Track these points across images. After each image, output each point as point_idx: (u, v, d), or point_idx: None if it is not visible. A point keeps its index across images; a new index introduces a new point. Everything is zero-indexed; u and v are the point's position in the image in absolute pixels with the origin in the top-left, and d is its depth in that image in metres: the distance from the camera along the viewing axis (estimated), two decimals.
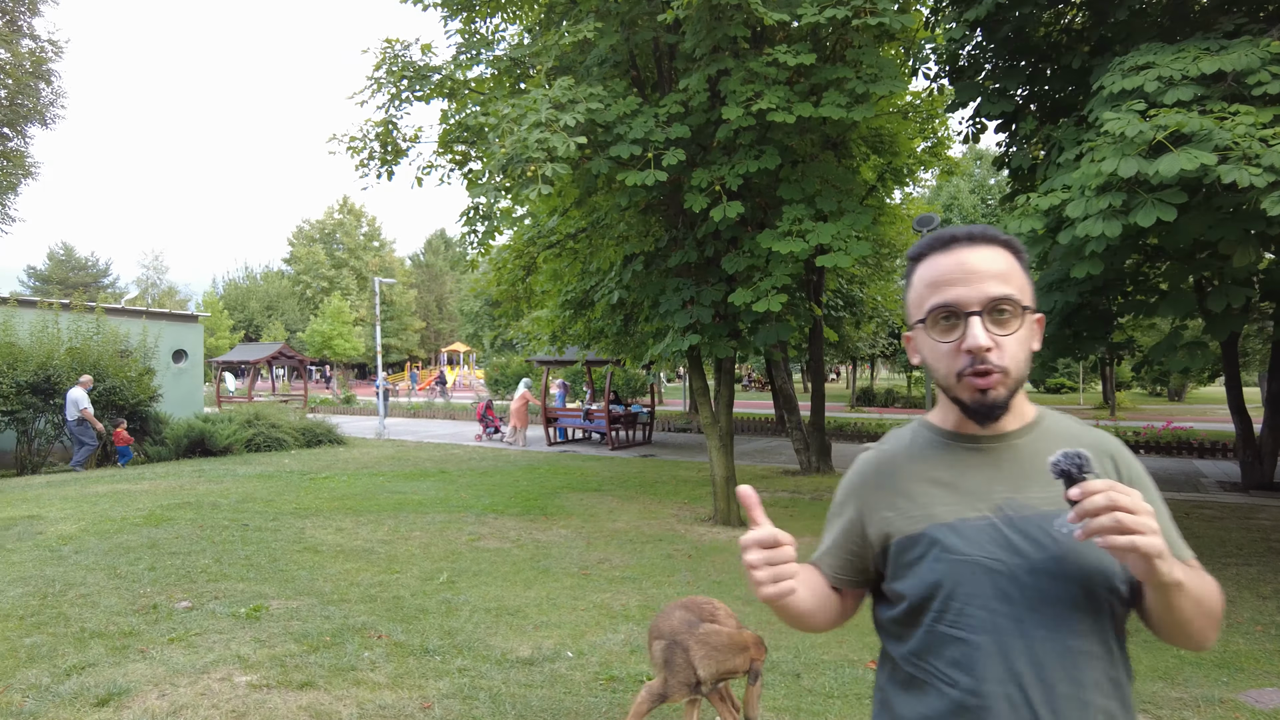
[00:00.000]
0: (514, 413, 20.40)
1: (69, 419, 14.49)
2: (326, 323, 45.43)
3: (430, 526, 8.96)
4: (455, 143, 9.03)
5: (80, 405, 14.40)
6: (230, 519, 8.83)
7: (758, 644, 3.59)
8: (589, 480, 13.28)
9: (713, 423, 9.82)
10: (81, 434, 14.67)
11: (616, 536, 8.76)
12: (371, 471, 14.12)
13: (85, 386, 14.56)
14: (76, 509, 9.45)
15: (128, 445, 15.59)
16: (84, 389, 14.50)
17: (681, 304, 8.95)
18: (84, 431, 14.66)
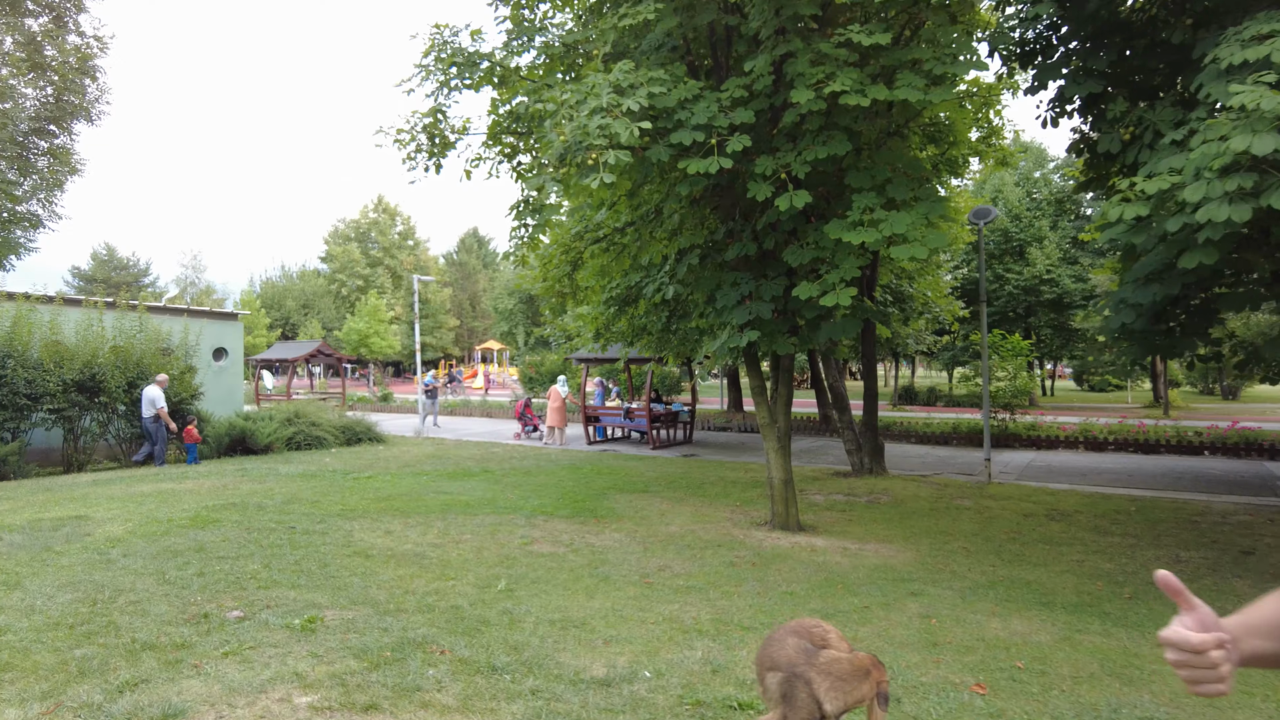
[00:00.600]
0: (552, 412, 20.13)
1: (144, 416, 14.79)
2: (363, 321, 45.66)
3: (480, 529, 8.68)
4: (505, 134, 8.74)
5: (157, 404, 14.70)
6: (276, 521, 8.62)
7: (877, 664, 3.22)
8: (635, 481, 12.95)
9: (770, 423, 9.43)
10: (156, 432, 14.91)
11: (673, 541, 8.41)
12: (414, 471, 13.92)
13: (161, 385, 14.94)
14: (123, 509, 9.32)
15: (195, 443, 15.75)
16: (160, 388, 14.85)
17: (739, 299, 8.57)
18: (159, 430, 14.90)
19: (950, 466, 15.59)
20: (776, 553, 8.02)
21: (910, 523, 9.89)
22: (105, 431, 15.49)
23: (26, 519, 8.64)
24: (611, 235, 10.78)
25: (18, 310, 14.65)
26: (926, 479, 13.91)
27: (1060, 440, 18.57)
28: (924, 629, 5.52)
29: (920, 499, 11.75)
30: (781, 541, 8.64)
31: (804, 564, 7.57)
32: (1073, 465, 15.63)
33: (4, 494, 11.13)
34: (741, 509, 10.65)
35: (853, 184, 7.74)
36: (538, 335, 47.24)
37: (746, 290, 8.52)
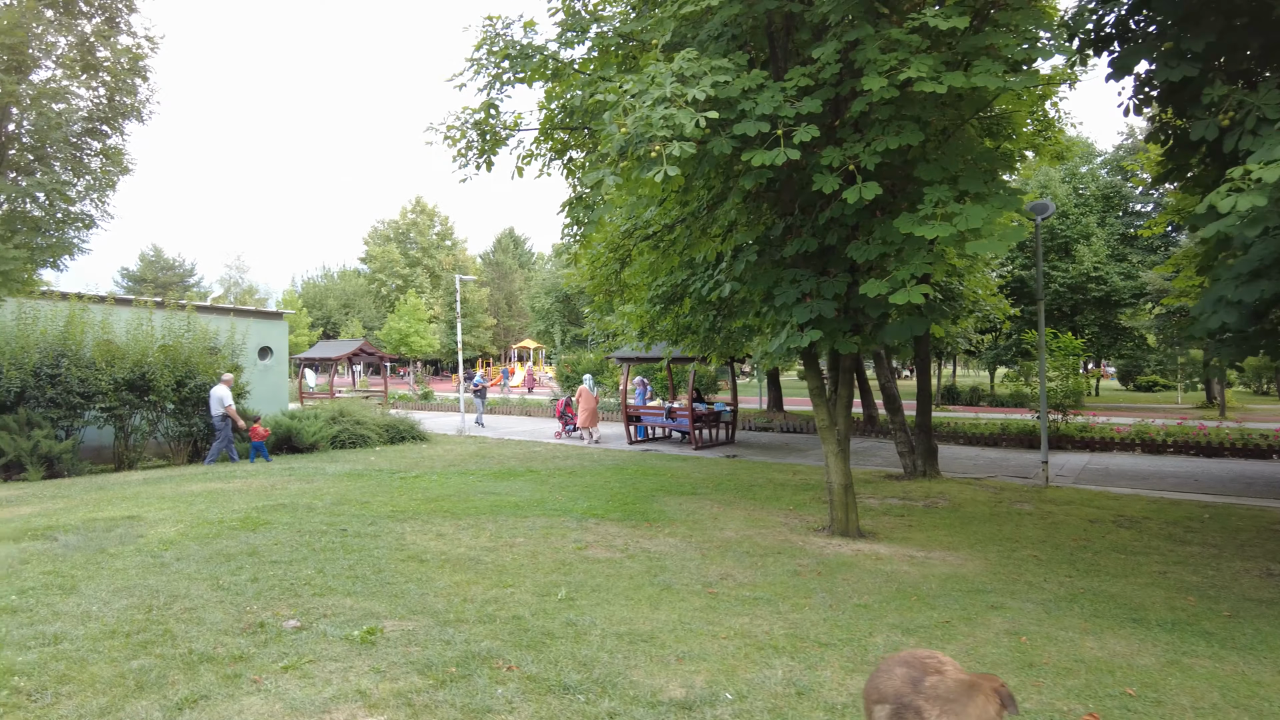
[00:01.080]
0: (584, 412, 19.96)
1: (214, 414, 15.00)
2: (403, 320, 45.94)
3: (532, 532, 8.48)
4: (558, 129, 8.51)
5: (225, 402, 14.89)
6: (327, 523, 8.50)
7: (989, 676, 2.93)
8: (682, 483, 12.68)
9: (829, 425, 9.10)
10: (225, 429, 15.11)
11: (731, 548, 8.13)
12: (460, 470, 13.79)
13: (228, 384, 15.13)
14: (174, 509, 9.28)
15: (263, 441, 15.87)
16: (227, 386, 15.03)
17: (799, 297, 8.26)
18: (227, 427, 15.10)
19: (1003, 469, 15.10)
20: (840, 561, 7.70)
21: (972, 529, 9.51)
22: (154, 430, 15.61)
23: (81, 519, 8.62)
24: (661, 233, 10.51)
25: (71, 310, 14.81)
26: (980, 482, 13.47)
27: (1115, 442, 17.93)
28: (1015, 648, 5.19)
29: (978, 503, 11.34)
30: (843, 549, 8.32)
31: (871, 573, 7.25)
32: (1132, 468, 15.04)
33: (59, 491, 11.20)
34: (795, 513, 10.33)
35: (922, 176, 7.39)
36: (574, 334, 47.20)
37: (808, 288, 8.21)
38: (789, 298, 8.26)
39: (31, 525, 8.25)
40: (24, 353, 13.50)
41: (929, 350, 14.39)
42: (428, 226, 63.81)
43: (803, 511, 10.46)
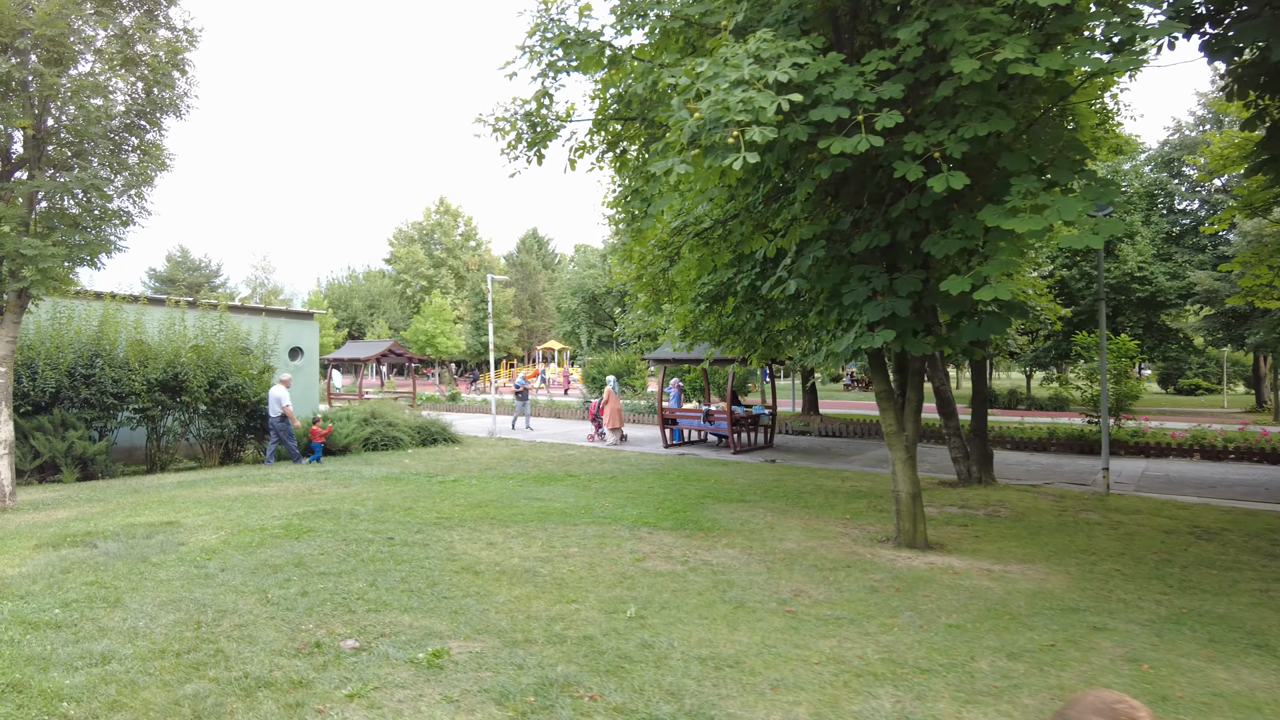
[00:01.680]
0: (611, 413, 19.59)
1: (271, 415, 15.02)
2: (429, 321, 45.82)
3: (585, 542, 8.09)
4: (614, 119, 8.12)
5: (283, 403, 14.87)
6: (372, 531, 8.16)
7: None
8: (728, 490, 12.25)
9: (897, 431, 8.65)
10: (283, 430, 15.08)
11: (796, 561, 7.70)
12: (498, 474, 13.45)
13: (286, 384, 15.14)
14: (212, 515, 8.99)
15: (320, 442, 15.79)
16: (285, 387, 15.03)
17: (869, 294, 7.82)
18: (285, 428, 15.08)
19: (1057, 475, 14.55)
20: (915, 575, 7.25)
21: (1043, 540, 9.02)
22: (187, 431, 15.42)
23: (120, 524, 8.35)
24: (711, 229, 10.09)
25: (105, 309, 14.63)
26: (1038, 489, 12.94)
27: (1171, 448, 17.27)
28: (1139, 677, 4.72)
29: (1041, 512, 10.83)
30: (915, 561, 7.86)
31: (952, 589, 6.79)
32: (1194, 476, 14.42)
33: (95, 494, 10.97)
34: (854, 523, 9.88)
35: (1008, 166, 6.94)
36: (600, 335, 46.88)
37: (879, 285, 7.77)
38: (859, 295, 7.82)
39: (70, 531, 7.98)
40: (59, 353, 13.33)
41: (986, 352, 13.86)
42: (452, 227, 63.78)
43: (861, 521, 10.01)
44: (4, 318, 9.61)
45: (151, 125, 10.33)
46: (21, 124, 8.97)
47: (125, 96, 10.20)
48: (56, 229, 9.55)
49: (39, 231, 9.51)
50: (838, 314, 8.26)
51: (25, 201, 9.51)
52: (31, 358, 13.02)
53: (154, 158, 10.23)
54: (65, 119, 9.85)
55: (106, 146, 9.85)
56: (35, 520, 8.90)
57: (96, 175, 9.65)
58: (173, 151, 10.42)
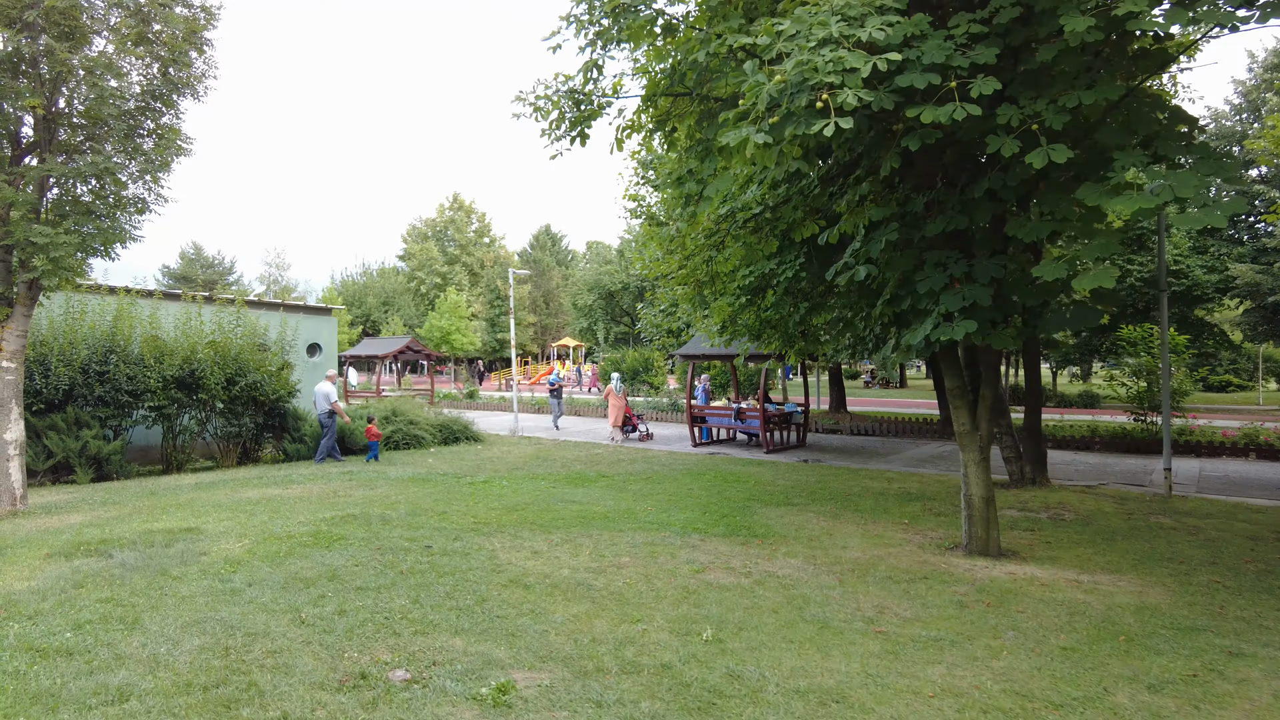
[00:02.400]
0: (613, 410, 19.01)
1: (319, 411, 14.82)
2: (444, 318, 45.31)
3: (635, 550, 7.49)
4: (665, 95, 7.50)
5: (331, 398, 14.66)
6: (407, 538, 7.58)
7: None
8: (771, 491, 11.63)
9: (970, 431, 8.01)
10: (329, 426, 14.86)
11: (867, 572, 7.08)
12: (528, 475, 12.87)
13: (332, 380, 14.99)
14: (234, 520, 8.43)
15: (376, 440, 15.42)
16: (331, 383, 14.87)
17: (946, 282, 7.18)
18: (332, 425, 14.86)
19: (1109, 475, 13.87)
20: (1000, 587, 6.62)
21: (1120, 547, 8.37)
22: (203, 430, 14.91)
23: (136, 530, 7.79)
24: (762, 214, 9.44)
25: (119, 304, 14.14)
26: (1094, 490, 12.27)
27: (1224, 447, 16.52)
28: None
29: (1107, 515, 10.18)
30: (993, 572, 7.23)
31: (1045, 603, 6.16)
32: (1256, 476, 13.69)
33: (110, 497, 10.45)
34: (913, 528, 9.26)
35: (1107, 140, 6.29)
36: (618, 332, 46.28)
37: (957, 271, 7.13)
38: (935, 283, 7.19)
39: (84, 538, 7.43)
40: (72, 349, 12.83)
41: (1039, 346, 13.19)
42: (465, 223, 63.26)
43: (920, 526, 9.38)
44: (14, 311, 9.08)
45: (168, 108, 9.78)
46: (31, 104, 8.41)
47: (140, 77, 9.64)
48: (69, 216, 9.01)
49: (50, 219, 8.97)
50: (910, 303, 7.61)
51: (36, 188, 8.97)
52: (44, 354, 12.52)
53: (170, 142, 9.67)
54: (78, 101, 9.32)
55: (121, 130, 9.29)
56: (47, 525, 8.37)
57: (110, 160, 9.08)
58: (191, 135, 9.84)
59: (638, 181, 25.26)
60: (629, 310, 44.32)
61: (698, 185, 6.97)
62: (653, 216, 25.29)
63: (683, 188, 7.10)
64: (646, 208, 25.38)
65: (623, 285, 44.10)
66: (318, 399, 14.80)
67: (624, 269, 43.03)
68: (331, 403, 14.74)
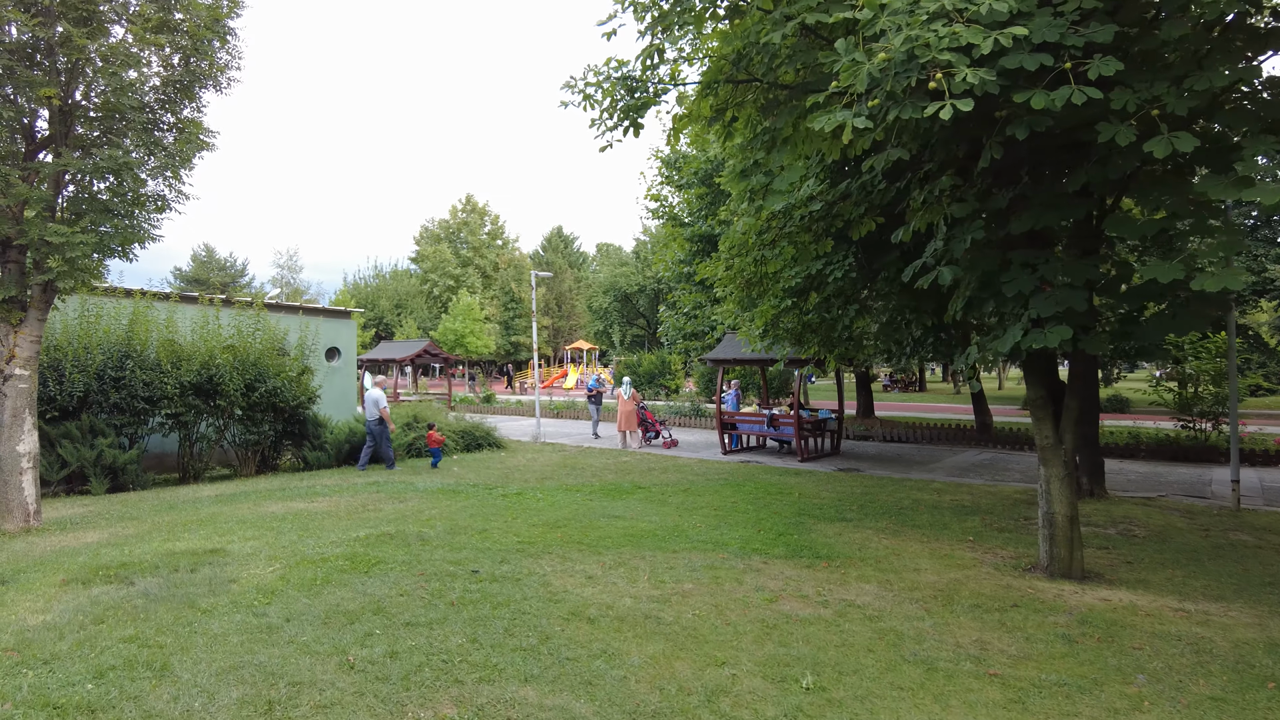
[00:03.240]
0: (624, 416, 18.43)
1: (369, 418, 14.56)
2: (458, 320, 44.80)
3: (697, 575, 6.91)
4: (728, 82, 6.92)
5: (380, 405, 14.41)
6: (451, 561, 7.01)
7: None
8: (819, 505, 11.03)
9: (1055, 444, 7.41)
10: (380, 434, 14.63)
11: (951, 598, 6.49)
12: (560, 486, 12.32)
13: (382, 386, 14.78)
14: (261, 539, 7.88)
15: (439, 446, 15.17)
16: (381, 389, 14.63)
17: (1037, 284, 6.59)
18: (383, 432, 14.64)
19: (1165, 486, 13.23)
20: (1101, 618, 6.02)
21: (1211, 569, 7.77)
22: (221, 437, 14.40)
23: (157, 552, 7.25)
24: (817, 211, 8.85)
25: (135, 307, 13.65)
26: (1154, 503, 11.65)
27: (1277, 456, 15.86)
28: None
29: (1180, 531, 9.56)
30: (1086, 598, 6.64)
31: (1161, 639, 5.56)
32: None
33: (127, 510, 9.94)
34: (980, 546, 8.67)
35: (1230, 124, 5.71)
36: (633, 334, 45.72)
37: (1048, 273, 6.54)
38: (1024, 285, 6.60)
39: (102, 561, 6.89)
40: (87, 354, 12.34)
41: None
42: (479, 225, 62.74)
43: (986, 543, 8.80)
44: (28, 315, 8.57)
45: (189, 100, 9.26)
46: (47, 94, 7.90)
47: (160, 68, 9.13)
48: (85, 215, 8.49)
49: (66, 218, 8.46)
50: (993, 307, 7.02)
51: (51, 184, 8.47)
52: (58, 359, 12.04)
53: (192, 136, 9.15)
54: (95, 94, 8.81)
55: (140, 123, 8.78)
56: (63, 545, 7.84)
57: (129, 155, 8.57)
58: (214, 129, 9.32)
59: (661, 181, 24.71)
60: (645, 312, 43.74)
61: (765, 178, 6.40)
62: (675, 217, 24.74)
63: (747, 180, 6.53)
64: (669, 208, 24.82)
65: (639, 287, 43.56)
66: (367, 405, 14.50)
67: (640, 270, 42.57)
68: (380, 409, 14.43)
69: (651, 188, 24.94)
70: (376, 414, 14.52)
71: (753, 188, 6.72)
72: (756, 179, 6.45)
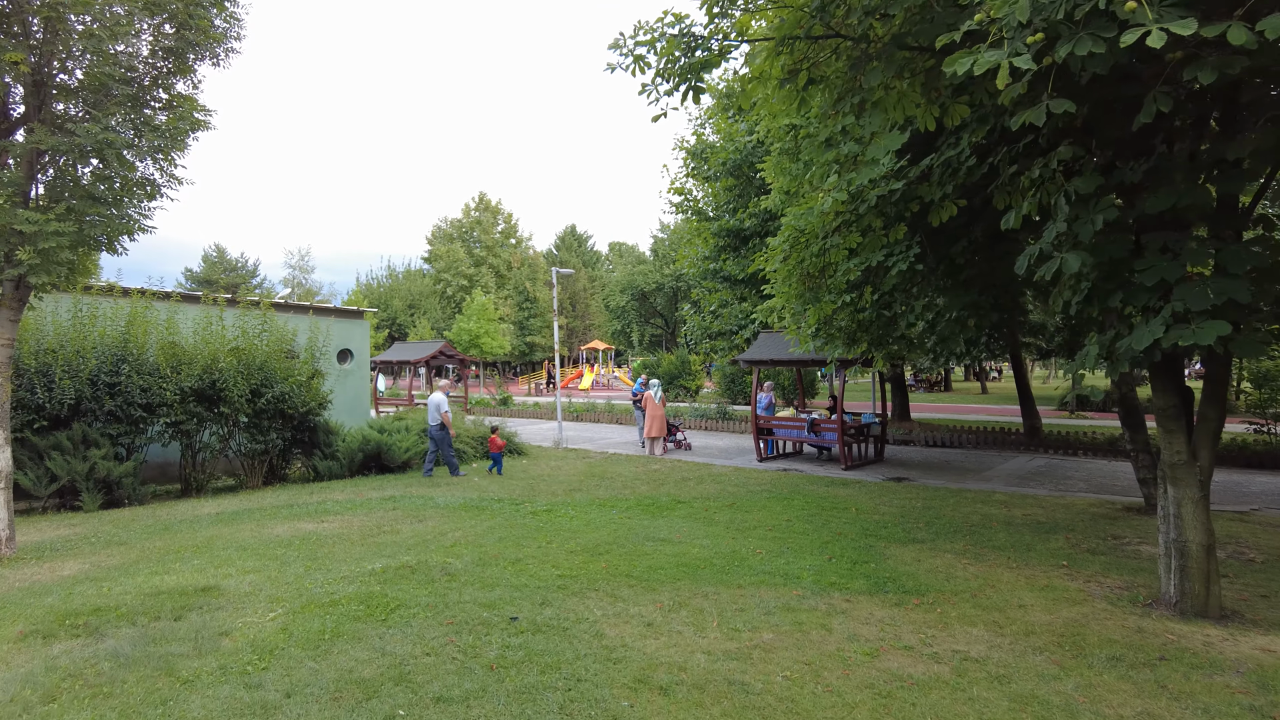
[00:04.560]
0: (652, 420, 17.29)
1: (431, 424, 13.87)
2: (472, 321, 43.78)
3: (773, 620, 5.83)
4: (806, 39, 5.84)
5: (442, 409, 13.81)
6: (483, 603, 5.95)
7: None
8: (882, 523, 9.93)
9: (1188, 462, 6.29)
10: (442, 440, 13.91)
11: (1080, 648, 5.40)
12: (592, 499, 11.27)
13: (445, 390, 14.31)
14: (262, 572, 6.85)
15: (499, 452, 14.48)
16: (444, 393, 14.09)
17: (1182, 272, 5.48)
18: (445, 438, 13.95)
19: (1252, 498, 12.05)
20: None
21: None
22: (225, 447, 13.43)
23: (140, 591, 6.23)
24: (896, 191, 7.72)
25: (133, 308, 12.68)
26: (1249, 518, 10.50)
27: None
28: None
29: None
30: (1242, 647, 5.52)
31: None
32: None
33: (116, 533, 8.94)
34: (1077, 572, 7.60)
35: None
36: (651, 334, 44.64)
37: (1198, 259, 5.43)
38: (1167, 273, 5.49)
39: (74, 604, 5.87)
40: (79, 358, 11.37)
41: None
42: (492, 224, 61.69)
43: (1083, 569, 7.72)
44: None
45: (183, 74, 8.25)
46: (14, 58, 6.87)
47: (150, 37, 8.11)
48: (63, 201, 7.49)
49: (40, 205, 7.47)
50: (1121, 298, 5.90)
51: (24, 166, 7.47)
52: (48, 364, 11.07)
53: (186, 114, 8.14)
54: (77, 68, 7.82)
55: (127, 99, 7.77)
56: (34, 580, 6.83)
57: (113, 131, 7.56)
58: (210, 107, 8.32)
59: (686, 174, 23.59)
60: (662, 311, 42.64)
61: (856, 146, 5.32)
62: (700, 211, 23.64)
63: (834, 150, 5.44)
64: (694, 202, 23.71)
65: (656, 285, 42.45)
66: (430, 411, 13.92)
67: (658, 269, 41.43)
68: (442, 414, 13.74)
69: (675, 180, 23.83)
70: (438, 419, 13.83)
71: (840, 159, 5.65)
72: (847, 147, 5.35)
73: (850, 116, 5.52)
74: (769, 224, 20.78)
